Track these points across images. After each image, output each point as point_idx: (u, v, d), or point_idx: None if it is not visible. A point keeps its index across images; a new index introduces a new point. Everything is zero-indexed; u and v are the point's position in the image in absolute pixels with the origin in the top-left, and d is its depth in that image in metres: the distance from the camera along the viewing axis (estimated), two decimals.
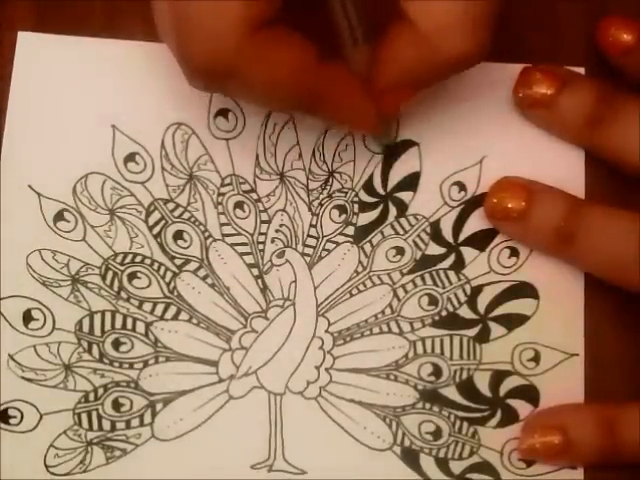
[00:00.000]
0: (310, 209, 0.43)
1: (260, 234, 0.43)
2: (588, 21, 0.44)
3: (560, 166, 0.43)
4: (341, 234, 0.43)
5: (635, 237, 0.39)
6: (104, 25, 0.44)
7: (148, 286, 0.42)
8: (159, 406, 0.42)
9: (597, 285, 0.42)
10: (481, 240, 0.43)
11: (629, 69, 0.43)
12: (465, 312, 0.42)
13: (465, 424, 0.42)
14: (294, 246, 0.43)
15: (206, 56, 0.35)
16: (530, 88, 0.42)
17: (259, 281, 0.43)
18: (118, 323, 0.42)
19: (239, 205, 0.43)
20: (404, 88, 0.39)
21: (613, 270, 0.40)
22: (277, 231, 0.43)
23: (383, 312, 0.42)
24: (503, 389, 0.42)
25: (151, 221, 0.43)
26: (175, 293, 0.42)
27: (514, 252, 0.43)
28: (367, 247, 0.43)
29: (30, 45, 0.44)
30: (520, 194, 0.41)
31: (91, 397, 0.42)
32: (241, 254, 0.43)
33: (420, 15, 0.36)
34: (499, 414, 0.42)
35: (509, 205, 0.41)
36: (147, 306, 0.42)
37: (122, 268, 0.42)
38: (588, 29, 0.44)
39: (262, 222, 0.43)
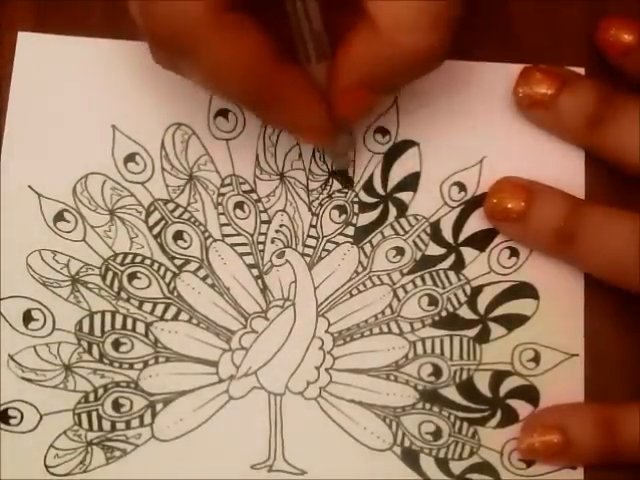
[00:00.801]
0: (310, 209, 0.43)
1: (260, 234, 0.43)
2: (588, 21, 0.44)
3: (560, 166, 0.43)
4: (341, 234, 0.43)
5: (635, 238, 0.39)
6: (104, 25, 0.44)
7: (148, 286, 0.42)
8: (159, 406, 0.42)
9: (597, 285, 0.42)
10: (481, 240, 0.43)
11: (629, 69, 0.43)
12: (465, 312, 0.42)
13: (465, 424, 0.42)
14: (294, 246, 0.43)
15: (169, 26, 0.34)
16: (530, 88, 0.42)
17: (259, 281, 0.43)
18: (118, 323, 0.42)
19: (239, 205, 0.43)
20: (362, 89, 0.37)
21: (613, 271, 0.40)
22: (277, 231, 0.43)
23: (383, 312, 0.42)
24: (503, 389, 0.42)
25: (151, 221, 0.43)
26: (175, 293, 0.42)
27: (514, 252, 0.43)
28: (367, 247, 0.43)
29: (30, 45, 0.44)
30: (520, 194, 0.41)
31: (91, 397, 0.42)
32: (241, 254, 0.43)
33: (380, 11, 0.35)
34: (499, 414, 0.42)
35: (509, 205, 0.41)
36: (147, 306, 0.42)
37: (122, 268, 0.42)
38: (588, 29, 0.44)
39: (262, 222, 0.43)
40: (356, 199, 0.43)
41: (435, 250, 0.43)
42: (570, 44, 0.45)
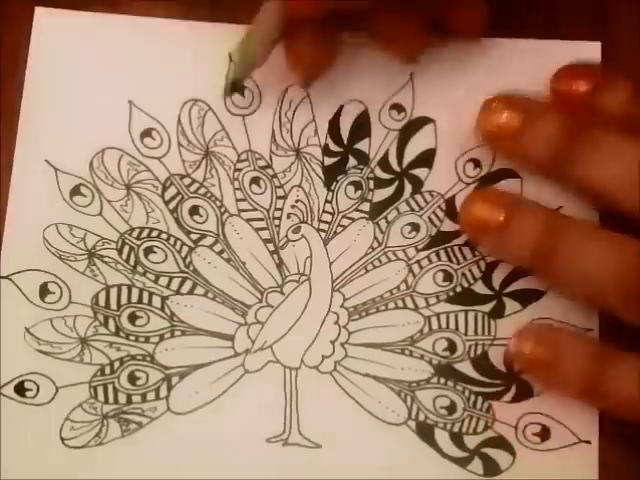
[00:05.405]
0: (326, 185, 0.43)
1: (276, 210, 0.43)
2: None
3: None
4: (356, 210, 0.43)
5: (612, 257, 0.39)
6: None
7: (164, 261, 0.43)
8: (175, 380, 0.42)
9: None
10: None
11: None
12: (480, 288, 0.43)
13: (480, 399, 0.42)
14: (310, 222, 0.43)
15: None
16: (493, 119, 0.41)
17: (275, 256, 0.43)
18: (134, 297, 0.42)
19: (255, 181, 0.43)
20: None
21: (589, 290, 0.40)
22: (293, 207, 0.43)
23: (398, 288, 0.43)
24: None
25: (167, 196, 0.43)
26: (191, 268, 0.42)
27: None
28: (382, 223, 0.43)
29: (46, 21, 0.44)
30: (499, 206, 0.40)
31: (107, 370, 0.42)
32: (257, 229, 0.43)
33: None
34: (514, 389, 0.42)
35: (487, 218, 0.40)
36: (163, 280, 0.42)
37: (138, 243, 0.43)
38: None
39: (278, 198, 0.43)
40: (372, 175, 0.43)
41: (450, 226, 0.43)
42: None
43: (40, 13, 0.44)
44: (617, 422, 0.40)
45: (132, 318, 0.42)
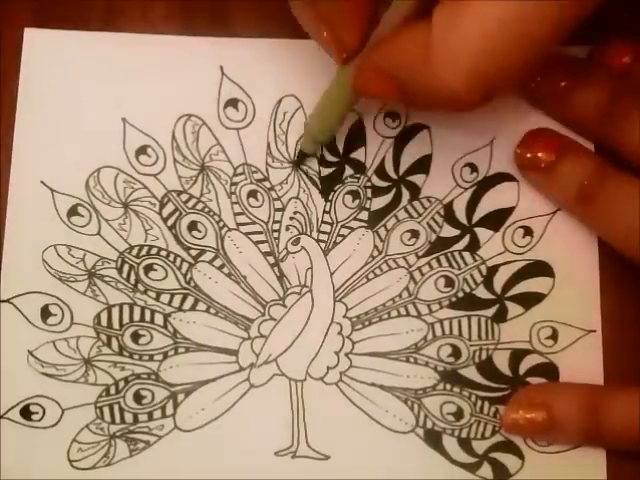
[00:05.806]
0: (323, 195, 0.43)
1: (274, 222, 0.43)
2: None
3: None
4: (355, 219, 0.43)
5: None
6: (104, 23, 0.44)
7: (165, 278, 0.42)
8: (181, 397, 0.42)
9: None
10: (495, 220, 0.43)
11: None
12: (482, 292, 0.43)
13: (486, 404, 0.42)
14: (309, 233, 0.43)
15: None
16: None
17: (275, 269, 0.43)
18: (136, 316, 0.42)
19: (252, 194, 0.43)
20: (385, 79, 0.36)
21: (625, 238, 0.40)
22: (291, 218, 0.43)
23: (400, 295, 0.43)
24: (523, 368, 0.42)
25: (165, 213, 0.43)
26: (192, 284, 0.42)
27: (528, 231, 0.43)
28: (382, 231, 0.43)
29: (37, 41, 0.44)
30: (552, 146, 0.41)
31: (112, 390, 0.42)
32: (256, 243, 0.43)
33: (438, 31, 0.33)
34: None
35: (539, 155, 0.42)
36: (165, 298, 0.42)
37: (138, 261, 0.43)
38: None
39: (276, 210, 0.43)
40: (369, 184, 0.43)
41: (449, 232, 0.43)
42: None
43: (30, 34, 0.44)
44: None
45: (135, 337, 0.42)
